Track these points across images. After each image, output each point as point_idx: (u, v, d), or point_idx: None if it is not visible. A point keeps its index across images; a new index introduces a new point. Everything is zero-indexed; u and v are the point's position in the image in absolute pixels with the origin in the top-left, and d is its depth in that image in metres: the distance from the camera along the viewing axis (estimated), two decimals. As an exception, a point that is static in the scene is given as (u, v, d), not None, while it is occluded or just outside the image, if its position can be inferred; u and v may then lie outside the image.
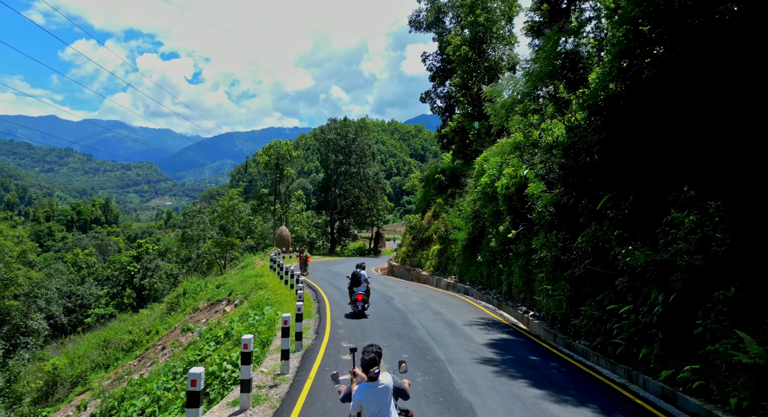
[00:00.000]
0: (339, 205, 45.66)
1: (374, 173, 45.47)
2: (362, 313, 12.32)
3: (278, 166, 44.41)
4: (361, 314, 12.29)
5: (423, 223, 26.27)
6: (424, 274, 22.96)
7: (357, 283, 12.53)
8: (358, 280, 12.52)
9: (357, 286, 12.51)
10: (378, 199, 46.28)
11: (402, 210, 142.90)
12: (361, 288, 12.49)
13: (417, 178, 31.64)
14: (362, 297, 12.31)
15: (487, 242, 17.75)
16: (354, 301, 12.42)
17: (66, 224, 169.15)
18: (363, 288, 12.50)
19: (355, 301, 12.33)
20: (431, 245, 24.47)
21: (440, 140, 31.43)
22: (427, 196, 28.57)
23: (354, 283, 12.58)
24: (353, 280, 12.61)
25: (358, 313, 12.28)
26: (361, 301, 12.29)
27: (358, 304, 12.29)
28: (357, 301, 12.30)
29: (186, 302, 27.00)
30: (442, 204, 25.50)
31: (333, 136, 44.76)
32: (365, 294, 12.49)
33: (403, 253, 27.01)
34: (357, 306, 12.31)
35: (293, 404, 6.48)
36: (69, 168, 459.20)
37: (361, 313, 12.28)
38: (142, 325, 28.41)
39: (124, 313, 45.14)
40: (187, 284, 31.16)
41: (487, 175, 17.62)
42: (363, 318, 12.38)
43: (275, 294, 16.02)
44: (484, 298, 16.93)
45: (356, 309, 12.35)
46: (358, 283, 12.51)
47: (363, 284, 12.53)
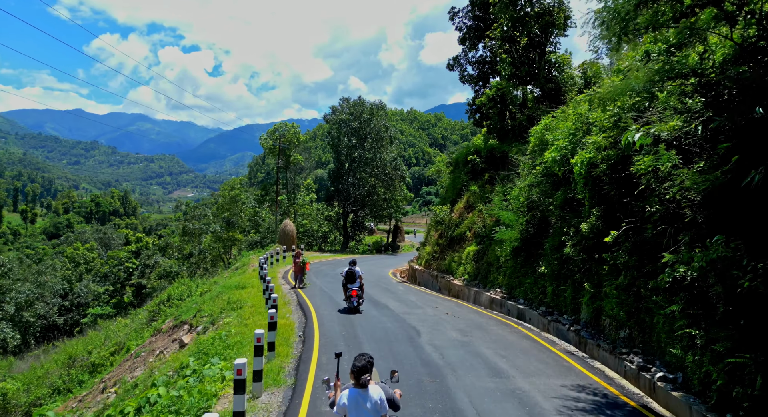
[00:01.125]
0: (352, 196, 40.41)
1: (392, 159, 39.90)
2: (357, 309, 12.75)
3: (284, 151, 39.37)
4: (355, 310, 12.71)
5: (453, 216, 20.85)
6: (456, 283, 17.58)
7: (352, 280, 12.91)
8: (353, 277, 12.92)
9: (352, 283, 12.89)
10: (396, 188, 40.84)
11: (421, 201, 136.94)
12: (355, 284, 12.88)
13: (443, 162, 26.05)
14: (356, 293, 12.74)
15: (552, 245, 12.25)
16: (348, 298, 12.84)
17: (85, 216, 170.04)
18: (357, 284, 12.91)
19: (350, 297, 12.76)
20: (464, 245, 19.05)
21: (472, 115, 25.78)
22: (456, 183, 23.07)
23: (348, 279, 12.92)
24: (348, 277, 12.93)
25: (353, 309, 12.71)
26: (356, 297, 12.74)
27: (353, 300, 12.73)
28: (351, 298, 12.73)
29: (167, 312, 22.39)
30: (478, 193, 20.01)
31: (345, 116, 39.36)
32: (359, 289, 12.96)
33: (428, 254, 21.65)
34: (352, 302, 12.75)
35: None
36: (95, 161, 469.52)
37: (355, 309, 12.71)
38: (117, 338, 23.98)
39: (123, 312, 41.37)
40: (172, 289, 26.57)
41: (553, 150, 12.06)
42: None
43: (248, 322, 10.96)
44: (552, 327, 11.49)
45: (351, 305, 12.78)
46: (353, 280, 12.91)
47: (357, 281, 12.93)
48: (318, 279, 19.53)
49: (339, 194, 41.09)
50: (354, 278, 12.82)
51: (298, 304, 13.40)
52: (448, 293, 18.04)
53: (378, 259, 32.77)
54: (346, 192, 40.63)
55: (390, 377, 4.38)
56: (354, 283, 12.81)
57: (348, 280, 12.86)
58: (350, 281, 12.83)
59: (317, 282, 18.39)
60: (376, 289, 17.35)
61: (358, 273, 12.92)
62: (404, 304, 14.26)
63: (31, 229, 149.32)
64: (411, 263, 23.50)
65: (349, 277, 12.82)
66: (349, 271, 12.86)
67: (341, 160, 40.60)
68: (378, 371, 4.69)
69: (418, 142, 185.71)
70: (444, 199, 23.78)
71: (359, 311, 12.68)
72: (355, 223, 43.46)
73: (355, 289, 12.71)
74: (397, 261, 31.10)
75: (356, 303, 12.72)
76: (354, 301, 12.66)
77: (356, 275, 12.85)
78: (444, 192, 26.48)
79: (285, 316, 11.95)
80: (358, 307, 12.77)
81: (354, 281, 12.82)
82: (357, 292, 12.71)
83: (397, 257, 34.87)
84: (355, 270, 12.94)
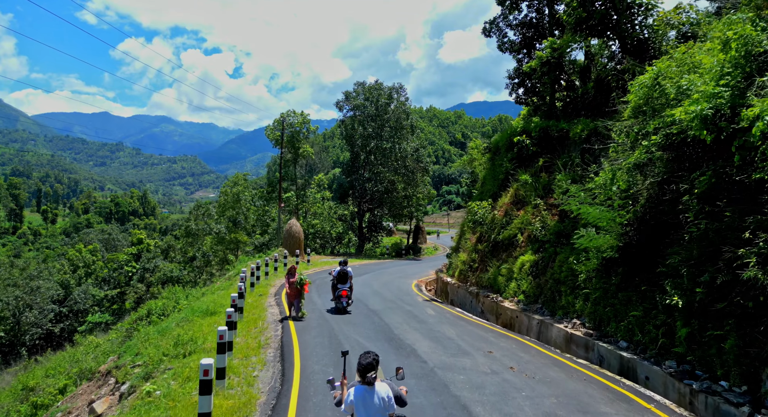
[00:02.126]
0: (369, 192, 35.71)
1: (413, 149, 34.93)
2: (345, 310, 12.68)
3: (291, 142, 34.97)
4: (344, 311, 12.66)
5: (496, 214, 15.96)
6: (508, 306, 12.69)
7: (343, 280, 12.74)
8: (345, 278, 12.74)
9: (342, 284, 12.73)
10: (419, 184, 35.89)
11: (441, 200, 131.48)
12: (346, 285, 12.76)
13: (477, 149, 21.09)
14: (346, 293, 12.65)
15: (689, 259, 7.36)
16: (338, 298, 12.69)
17: (105, 216, 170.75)
18: (347, 285, 12.79)
19: (339, 297, 12.63)
20: (514, 253, 14.17)
21: (513, 90, 20.79)
22: (497, 172, 18.17)
23: (340, 280, 12.73)
24: (340, 277, 12.70)
25: (341, 310, 12.67)
26: (345, 297, 12.64)
27: (342, 300, 12.61)
28: (341, 298, 12.60)
29: (142, 331, 18.17)
30: (530, 183, 15.13)
31: (360, 101, 34.64)
32: (349, 290, 12.85)
33: (463, 263, 16.81)
34: (341, 302, 12.64)
35: None
36: (120, 162, 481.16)
37: (344, 310, 12.65)
38: (84, 363, 19.90)
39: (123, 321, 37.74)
40: (153, 303, 22.43)
41: (693, 102, 7.16)
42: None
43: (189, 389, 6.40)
44: (703, 402, 6.59)
45: (340, 305, 12.69)
46: (345, 280, 12.75)
47: (348, 282, 12.81)
48: (321, 298, 14.88)
49: (354, 190, 36.44)
50: (345, 279, 12.76)
51: (279, 354, 8.71)
52: (495, 320, 13.16)
53: (398, 265, 28.02)
54: (362, 188, 35.97)
55: (395, 374, 4.29)
56: (345, 284, 12.76)
57: (339, 280, 12.76)
58: (341, 282, 12.75)
59: (320, 306, 13.66)
60: (398, 315, 12.62)
61: (350, 274, 12.86)
62: (440, 346, 9.45)
63: (51, 229, 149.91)
64: (440, 274, 18.65)
65: (341, 277, 12.74)
66: (341, 272, 12.73)
67: (356, 151, 35.87)
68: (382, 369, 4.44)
69: (438, 139, 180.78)
70: (482, 194, 18.86)
71: (348, 312, 12.74)
72: (372, 224, 38.80)
73: (345, 290, 12.70)
74: (421, 268, 26.28)
75: (345, 303, 12.73)
76: (343, 302, 12.70)
77: (348, 276, 12.79)
78: (480, 185, 21.55)
79: (248, 375, 7.33)
80: (346, 308, 12.79)
81: (345, 282, 12.77)
82: (347, 293, 12.72)
83: (420, 263, 30.02)
84: (347, 270, 12.84)
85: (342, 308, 12.60)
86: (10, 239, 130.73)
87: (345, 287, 12.68)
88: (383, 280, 20.08)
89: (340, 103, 36.03)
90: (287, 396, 6.53)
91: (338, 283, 12.70)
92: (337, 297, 12.65)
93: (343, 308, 12.61)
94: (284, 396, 6.54)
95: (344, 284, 12.69)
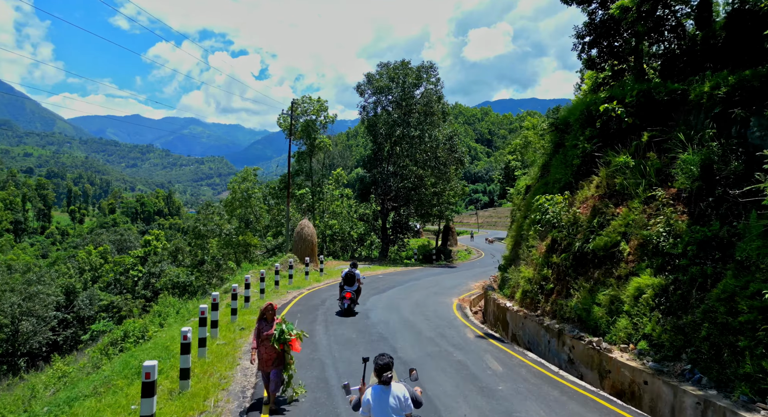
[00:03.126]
0: (393, 188, 31.10)
1: (446, 137, 29.91)
2: (350, 311, 12.56)
3: (306, 132, 30.69)
4: (349, 312, 12.51)
5: (578, 213, 11.09)
6: (622, 361, 7.83)
7: (351, 282, 12.73)
8: (353, 280, 12.73)
9: (350, 286, 12.74)
10: (451, 178, 30.88)
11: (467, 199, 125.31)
12: (353, 287, 12.74)
13: (535, 130, 16.17)
14: (350, 295, 12.61)
15: None
16: (342, 298, 12.72)
17: (131, 216, 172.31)
18: (354, 287, 12.76)
19: (343, 298, 12.65)
20: (616, 270, 9.29)
21: (584, 50, 15.80)
22: (568, 157, 13.28)
23: (347, 281, 12.76)
24: (347, 279, 12.76)
25: (346, 312, 12.53)
26: (349, 299, 12.56)
27: (345, 302, 12.57)
28: (345, 299, 12.60)
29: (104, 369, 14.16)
30: (634, 167, 10.25)
31: (384, 83, 29.97)
32: (354, 293, 12.78)
33: (528, 280, 11.95)
34: (344, 304, 12.61)
35: None
36: (150, 163, 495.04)
37: (348, 310, 12.52)
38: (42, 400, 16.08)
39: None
40: (131, 324, 18.49)
41: None
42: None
43: None
44: None
45: (343, 307, 12.67)
46: (352, 282, 12.73)
47: (356, 284, 12.78)
48: (334, 340, 10.25)
49: (376, 187, 31.89)
50: (353, 281, 12.72)
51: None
52: (599, 380, 8.32)
53: (429, 274, 23.30)
54: (385, 184, 31.41)
55: (408, 375, 4.29)
56: (352, 286, 12.72)
57: (347, 282, 12.73)
58: (348, 283, 12.71)
59: (332, 363, 8.93)
60: (444, 376, 7.87)
61: (357, 276, 12.81)
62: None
63: (78, 229, 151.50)
64: (492, 293, 13.79)
65: (348, 279, 12.69)
66: (348, 274, 12.72)
67: (379, 142, 31.24)
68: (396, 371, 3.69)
69: (464, 137, 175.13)
70: (547, 186, 13.95)
71: (353, 313, 12.59)
72: (397, 224, 34.19)
73: (350, 292, 12.65)
74: (458, 279, 21.49)
75: (347, 304, 12.55)
76: (346, 303, 12.55)
77: (356, 278, 12.75)
78: (537, 174, 16.69)
79: None
80: (351, 309, 12.61)
81: (352, 284, 12.72)
82: (351, 295, 12.61)
83: (455, 272, 25.17)
84: (355, 273, 12.79)
85: (346, 309, 12.56)
86: (38, 239, 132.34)
87: (351, 289, 12.69)
88: (414, 298, 15.45)
89: (361, 87, 31.44)
90: None
91: (345, 284, 12.74)
92: (342, 297, 12.72)
93: (346, 309, 12.56)
94: None
95: (351, 286, 12.72)
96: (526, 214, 14.50)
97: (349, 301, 12.53)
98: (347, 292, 12.59)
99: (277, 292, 15.82)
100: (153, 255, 41.50)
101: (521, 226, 14.48)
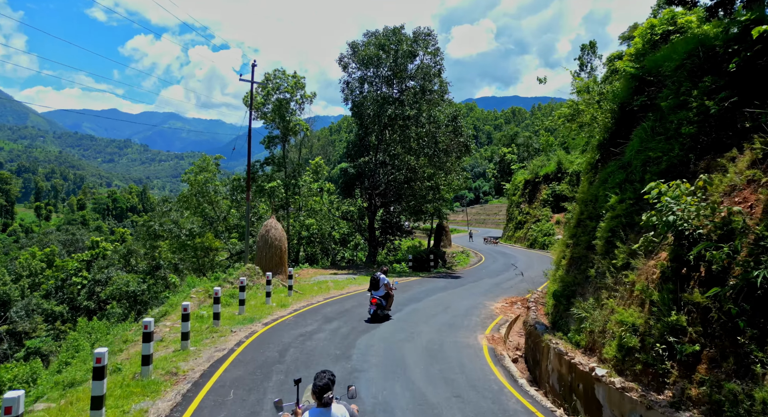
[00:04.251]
0: (383, 181, 25.95)
1: (449, 117, 24.80)
2: (380, 317, 12.11)
3: (279, 112, 25.26)
4: (377, 319, 12.01)
5: (733, 212, 6.05)
6: None
7: (375, 287, 12.33)
8: (377, 285, 12.32)
9: (375, 290, 12.33)
10: (453, 169, 25.72)
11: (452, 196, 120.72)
12: (379, 292, 12.28)
13: (586, 90, 10.89)
14: (376, 301, 12.11)
15: None
16: (370, 304, 12.22)
17: (102, 213, 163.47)
18: (381, 292, 12.29)
19: (370, 304, 12.21)
20: None
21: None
22: (668, 125, 8.28)
23: (372, 286, 12.38)
24: (372, 283, 12.40)
25: (373, 319, 12.05)
26: (375, 305, 12.07)
27: (371, 308, 12.12)
28: (371, 305, 12.12)
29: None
30: None
31: (373, 51, 24.62)
32: (381, 298, 12.22)
33: (630, 330, 6.88)
34: (370, 309, 12.13)
35: None
36: (127, 158, 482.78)
37: (376, 317, 12.05)
38: None
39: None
40: (6, 370, 12.95)
41: None
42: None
43: None
44: None
45: (369, 313, 12.24)
46: (377, 287, 12.32)
47: (381, 289, 12.30)
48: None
49: (362, 180, 26.66)
50: (377, 286, 12.28)
51: None
52: None
53: (431, 290, 18.16)
54: (373, 175, 26.23)
55: (346, 392, 4.21)
56: (377, 291, 12.26)
57: (372, 287, 12.40)
58: (374, 288, 12.34)
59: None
60: None
61: (384, 281, 12.33)
62: None
63: (45, 226, 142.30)
64: (549, 339, 8.62)
65: (373, 284, 12.35)
66: (373, 278, 12.41)
67: (365, 125, 25.97)
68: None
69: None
70: (629, 171, 8.86)
71: (381, 319, 12.05)
72: (387, 223, 29.08)
73: (376, 298, 12.12)
74: (469, 297, 16.39)
75: (372, 311, 12.06)
76: (372, 309, 12.09)
77: (380, 283, 12.29)
78: (592, 153, 11.69)
79: None
80: (379, 315, 12.07)
81: (378, 289, 12.28)
82: (377, 301, 12.08)
83: (461, 285, 20.05)
84: (379, 277, 12.32)
85: (372, 315, 12.03)
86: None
87: (377, 295, 12.25)
88: (423, 339, 10.32)
89: (344, 60, 26.02)
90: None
91: (371, 288, 12.40)
92: (370, 304, 12.24)
93: (373, 315, 12.02)
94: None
95: (377, 291, 12.26)
96: (596, 213, 9.49)
97: (375, 307, 12.09)
98: (373, 297, 12.24)
99: (215, 334, 10.49)
100: (101, 259, 35.55)
101: (588, 232, 9.47)
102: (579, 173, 37.70)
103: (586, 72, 61.20)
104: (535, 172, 51.09)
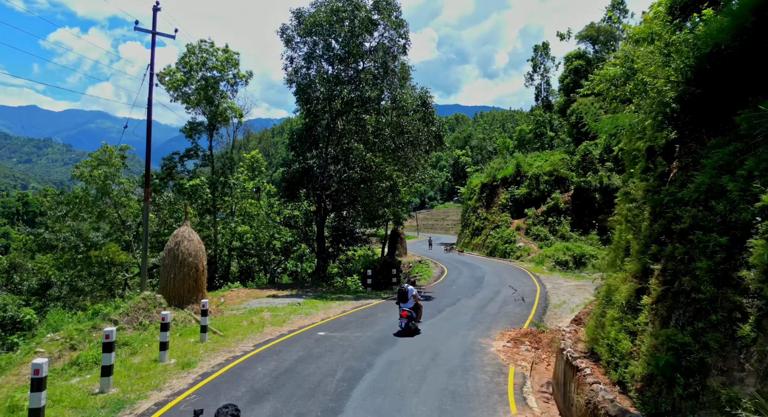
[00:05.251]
0: (336, 181, 21.41)
1: (417, 101, 20.72)
2: (409, 330, 11.83)
3: (205, 94, 20.05)
4: (406, 333, 11.77)
5: None
6: None
7: (404, 299, 12.08)
8: (405, 297, 12.07)
9: (404, 303, 12.10)
10: (419, 166, 21.56)
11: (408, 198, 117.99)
12: (408, 304, 12.05)
13: (650, 41, 6.99)
14: (406, 313, 11.82)
15: None
16: (400, 318, 11.96)
17: (10, 217, 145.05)
18: (409, 304, 12.06)
19: (400, 317, 11.93)
20: None
21: None
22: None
23: (401, 298, 12.12)
24: (400, 295, 12.11)
25: (403, 332, 11.80)
26: (405, 317, 11.79)
27: (402, 321, 11.88)
28: (401, 318, 11.88)
29: None
30: None
31: (323, 17, 19.93)
32: (410, 310, 11.95)
33: None
34: (401, 323, 11.89)
35: None
36: (48, 159, 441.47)
37: (406, 331, 11.80)
38: None
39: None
40: None
41: None
42: None
43: None
44: None
45: (400, 327, 11.97)
46: (405, 299, 12.08)
47: (411, 300, 12.07)
48: None
49: (309, 178, 21.96)
50: (406, 298, 12.07)
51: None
52: None
53: (393, 318, 14.05)
54: (323, 173, 21.65)
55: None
56: (406, 303, 12.05)
57: (400, 299, 12.16)
58: (402, 300, 12.11)
59: None
60: None
61: (412, 292, 12.08)
62: None
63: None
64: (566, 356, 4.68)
65: (401, 296, 12.12)
66: (400, 290, 12.20)
67: (314, 112, 21.31)
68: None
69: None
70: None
71: (412, 333, 11.78)
72: (339, 231, 24.52)
73: (406, 310, 11.86)
74: (456, 331, 12.30)
75: (404, 324, 11.81)
76: (402, 322, 11.85)
77: (408, 295, 12.04)
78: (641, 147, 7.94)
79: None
80: (410, 328, 11.84)
81: (406, 301, 12.06)
82: (407, 313, 11.80)
83: (438, 309, 15.86)
84: (406, 288, 12.10)
85: (403, 330, 11.81)
86: None
87: (405, 307, 11.95)
88: None
89: (287, 32, 21.17)
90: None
91: (399, 301, 12.17)
92: (400, 317, 11.88)
93: (402, 329, 11.80)
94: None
95: (405, 304, 12.03)
96: (715, 219, 5.67)
97: (405, 319, 11.75)
98: (403, 309, 11.89)
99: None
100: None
101: (703, 249, 5.59)
102: (620, 159, 34.42)
103: (539, 73, 60.27)
104: (492, 175, 48.65)
